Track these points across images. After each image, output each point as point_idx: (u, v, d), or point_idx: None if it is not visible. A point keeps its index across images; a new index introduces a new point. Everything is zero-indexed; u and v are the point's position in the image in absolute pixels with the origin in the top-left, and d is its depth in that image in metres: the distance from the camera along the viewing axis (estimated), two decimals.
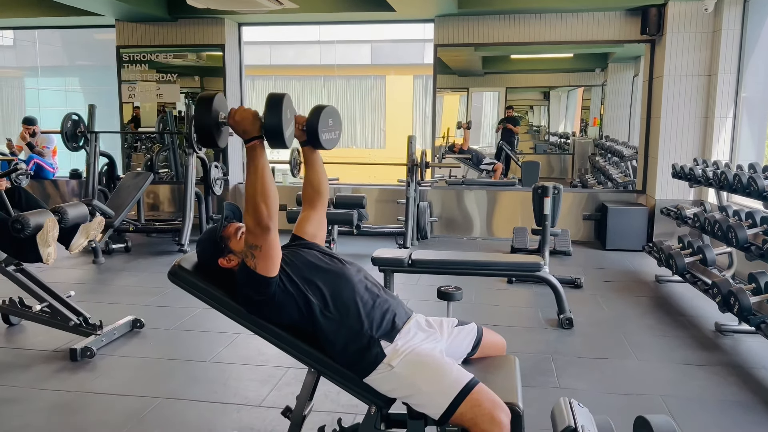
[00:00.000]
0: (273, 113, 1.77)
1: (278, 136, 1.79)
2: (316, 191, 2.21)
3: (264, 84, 15.04)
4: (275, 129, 1.77)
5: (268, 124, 1.78)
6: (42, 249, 3.27)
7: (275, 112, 1.77)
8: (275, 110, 1.77)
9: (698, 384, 3.12)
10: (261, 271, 1.82)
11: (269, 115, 1.77)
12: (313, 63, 15.08)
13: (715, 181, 4.44)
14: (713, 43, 5.82)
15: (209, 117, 1.85)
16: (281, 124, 1.76)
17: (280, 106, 1.77)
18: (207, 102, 1.85)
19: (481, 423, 1.69)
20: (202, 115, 1.85)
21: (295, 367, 3.27)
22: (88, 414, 2.77)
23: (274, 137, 1.79)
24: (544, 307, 4.32)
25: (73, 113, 6.16)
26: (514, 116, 10.71)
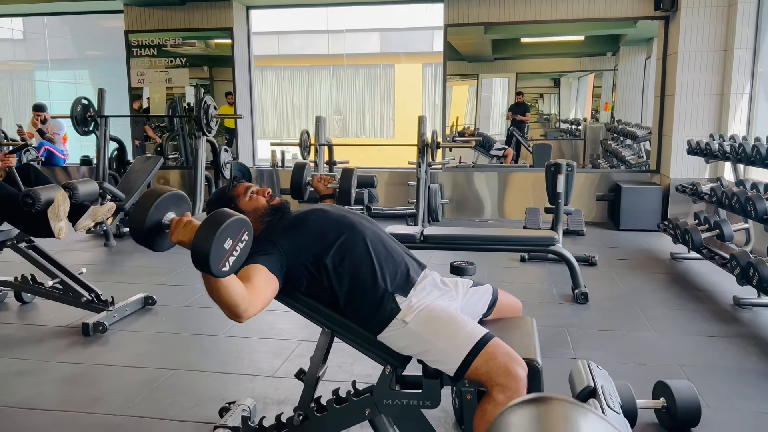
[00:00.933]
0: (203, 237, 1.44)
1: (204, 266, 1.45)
2: None
3: (272, 74, 15.01)
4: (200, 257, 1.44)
5: (195, 254, 1.44)
6: (53, 223, 3.26)
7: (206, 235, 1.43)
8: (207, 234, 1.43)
9: (717, 354, 3.07)
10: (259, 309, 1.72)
11: (198, 237, 1.44)
12: (321, 52, 15.02)
13: (733, 155, 4.36)
14: (729, 17, 5.72)
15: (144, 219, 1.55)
16: (208, 252, 1.42)
17: (214, 231, 1.43)
18: (147, 201, 1.57)
19: (496, 377, 1.66)
20: (136, 215, 1.56)
21: (307, 340, 3.25)
22: (101, 384, 2.76)
23: (199, 266, 1.46)
24: (558, 284, 4.27)
25: (82, 97, 6.15)
26: (524, 103, 10.59)
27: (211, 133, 6.12)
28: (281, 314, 3.66)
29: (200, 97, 5.88)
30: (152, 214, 1.56)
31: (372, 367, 2.87)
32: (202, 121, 5.93)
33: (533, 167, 8.76)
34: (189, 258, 1.46)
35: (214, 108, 6.09)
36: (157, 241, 1.60)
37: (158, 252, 1.65)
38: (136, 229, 1.57)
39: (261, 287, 1.71)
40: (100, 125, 6.21)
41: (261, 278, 1.72)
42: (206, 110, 5.97)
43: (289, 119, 15.08)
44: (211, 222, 1.46)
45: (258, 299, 1.68)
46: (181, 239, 1.50)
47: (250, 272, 1.71)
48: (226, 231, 1.45)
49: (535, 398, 0.59)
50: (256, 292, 1.68)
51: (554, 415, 0.57)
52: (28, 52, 13.82)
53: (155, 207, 1.57)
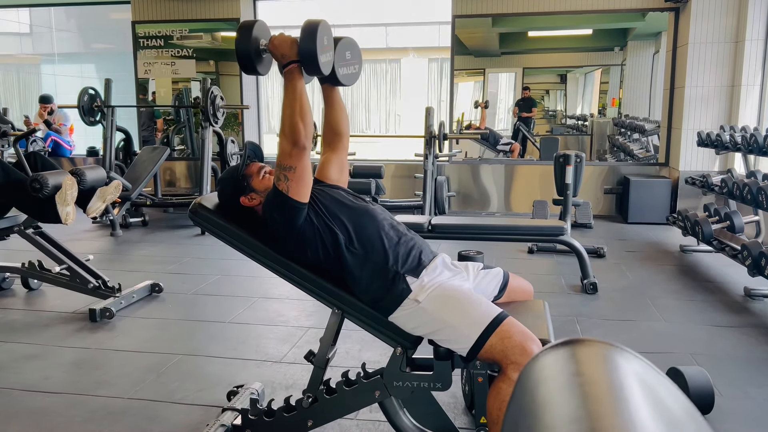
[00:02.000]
0: (308, 37, 1.76)
1: (312, 61, 1.77)
2: (335, 131, 2.13)
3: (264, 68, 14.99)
4: (310, 53, 1.76)
5: (303, 49, 1.77)
6: (60, 208, 3.25)
7: (310, 36, 1.76)
8: (310, 35, 1.76)
9: (729, 343, 3.03)
10: (293, 195, 1.78)
11: (304, 40, 1.77)
12: None
13: (744, 145, 4.32)
14: (740, 8, 5.66)
15: (249, 44, 1.83)
16: (315, 49, 1.75)
17: (315, 31, 1.76)
18: (247, 29, 1.83)
19: (511, 355, 1.63)
20: (242, 41, 1.83)
21: (315, 327, 3.23)
22: (108, 368, 2.75)
23: (309, 62, 1.78)
24: (566, 274, 4.25)
25: (89, 87, 6.15)
26: (531, 98, 10.52)
27: (218, 123, 6.11)
28: (288, 302, 3.65)
29: (207, 87, 5.86)
30: (255, 33, 1.83)
31: (380, 354, 2.85)
32: (209, 111, 5.92)
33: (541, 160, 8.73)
34: (195, 248, 1.49)
35: (221, 98, 6.08)
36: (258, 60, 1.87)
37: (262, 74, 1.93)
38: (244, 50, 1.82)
39: None
40: (107, 115, 6.21)
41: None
42: (213, 100, 5.96)
43: None
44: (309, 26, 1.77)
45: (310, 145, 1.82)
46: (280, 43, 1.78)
47: None
48: (322, 30, 1.77)
49: (567, 341, 0.56)
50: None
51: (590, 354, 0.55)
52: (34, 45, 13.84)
53: (256, 27, 1.84)
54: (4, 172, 3.29)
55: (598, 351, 0.55)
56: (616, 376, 0.49)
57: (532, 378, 0.52)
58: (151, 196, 6.33)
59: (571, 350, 0.55)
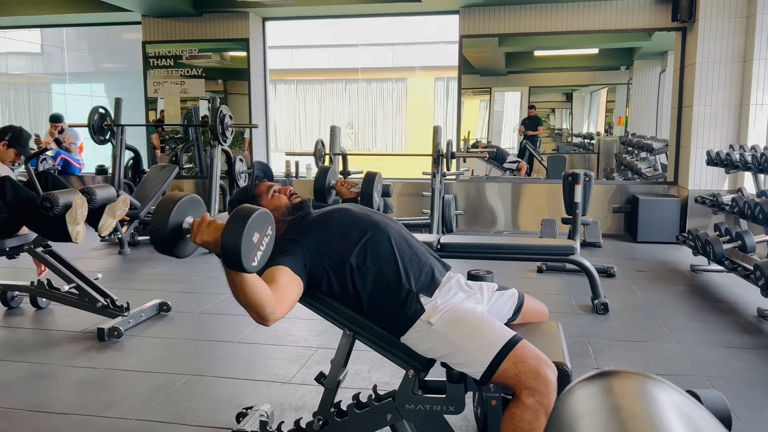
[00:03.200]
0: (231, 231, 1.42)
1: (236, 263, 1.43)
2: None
3: (285, 88, 15.11)
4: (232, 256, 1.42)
5: (224, 249, 1.43)
6: (71, 227, 3.25)
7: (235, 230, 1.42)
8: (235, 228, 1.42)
9: (744, 365, 2.99)
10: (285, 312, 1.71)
11: (227, 232, 1.43)
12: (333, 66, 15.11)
13: (755, 165, 4.30)
14: (747, 28, 5.67)
15: (165, 225, 1.54)
16: (239, 246, 1.41)
17: (243, 224, 1.42)
18: (167, 206, 1.56)
19: (525, 379, 1.61)
20: (157, 221, 1.54)
21: (324, 347, 3.21)
22: (116, 388, 2.73)
23: (230, 263, 1.44)
24: (576, 294, 4.21)
25: (99, 106, 6.19)
26: (536, 116, 10.54)
27: (227, 142, 6.13)
28: (297, 321, 3.63)
29: (216, 106, 5.90)
30: (172, 219, 1.55)
31: (390, 375, 2.83)
32: (218, 130, 5.95)
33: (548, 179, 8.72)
34: (203, 266, 1.47)
35: (230, 117, 6.11)
36: (180, 246, 1.60)
37: (181, 258, 1.63)
38: (158, 237, 1.55)
39: (286, 288, 1.68)
40: (117, 134, 6.24)
41: (285, 279, 1.69)
42: (222, 119, 5.99)
43: (301, 133, 15.15)
44: (237, 217, 1.44)
45: (284, 300, 1.65)
46: (206, 239, 1.50)
47: (274, 274, 1.67)
48: (253, 224, 1.44)
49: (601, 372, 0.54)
50: (281, 293, 1.65)
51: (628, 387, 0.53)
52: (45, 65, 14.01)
53: (174, 212, 1.56)
54: (14, 191, 3.31)
55: (635, 383, 0.53)
56: (655, 409, 0.48)
57: (569, 412, 0.50)
58: None
59: (606, 383, 0.54)
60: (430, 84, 14.79)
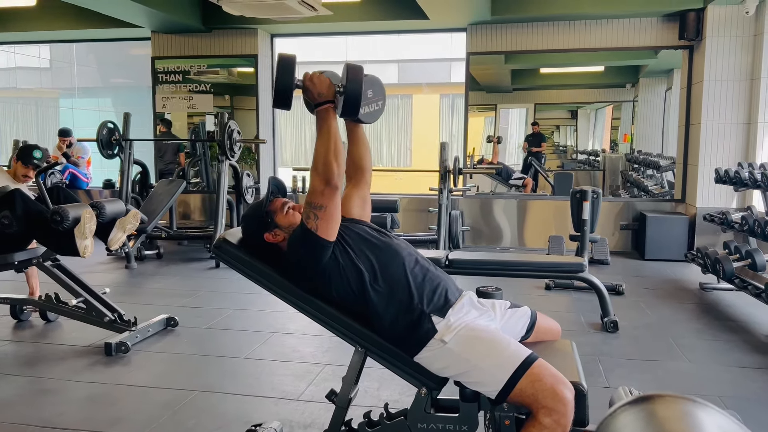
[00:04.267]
0: (355, 82, 1.77)
1: (354, 106, 1.79)
2: (358, 166, 2.10)
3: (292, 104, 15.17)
4: (354, 98, 1.78)
5: (350, 91, 1.78)
6: (79, 241, 3.26)
7: (356, 81, 1.77)
8: (357, 79, 1.77)
9: (757, 386, 2.95)
10: (322, 233, 1.76)
11: (351, 83, 1.77)
12: None
13: (764, 183, 4.28)
14: (755, 46, 5.68)
15: (292, 78, 1.80)
16: (360, 93, 1.78)
17: (361, 77, 1.77)
18: (291, 63, 1.80)
19: (542, 399, 1.58)
20: (286, 75, 1.79)
21: (332, 363, 3.19)
22: (123, 404, 2.71)
23: (352, 106, 1.79)
24: (585, 312, 4.18)
25: (108, 121, 6.23)
26: (540, 133, 10.55)
27: (234, 157, 6.15)
28: (304, 338, 3.61)
29: (224, 121, 5.92)
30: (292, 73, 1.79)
31: (400, 392, 2.80)
32: (226, 145, 5.97)
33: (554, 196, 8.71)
34: (209, 281, 1.48)
35: (238, 133, 6.14)
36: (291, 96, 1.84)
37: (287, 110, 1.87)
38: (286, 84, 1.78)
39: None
40: (125, 148, 6.27)
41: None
42: (230, 135, 6.01)
43: (307, 149, 15.20)
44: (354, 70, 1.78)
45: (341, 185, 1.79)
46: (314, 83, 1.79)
47: None
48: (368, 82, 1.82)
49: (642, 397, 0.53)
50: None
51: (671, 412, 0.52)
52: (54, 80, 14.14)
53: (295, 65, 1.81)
54: (24, 204, 3.31)
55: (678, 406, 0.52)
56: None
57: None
58: (166, 229, 6.35)
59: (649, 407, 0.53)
60: (436, 101, 14.85)
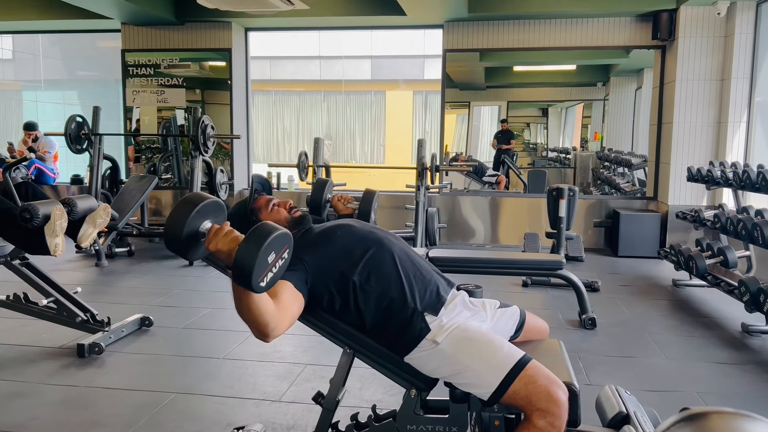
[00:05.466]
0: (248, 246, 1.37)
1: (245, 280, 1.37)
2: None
3: (264, 98, 15.01)
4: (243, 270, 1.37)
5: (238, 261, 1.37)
6: (49, 239, 3.14)
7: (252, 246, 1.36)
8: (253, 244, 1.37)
9: (733, 381, 3.01)
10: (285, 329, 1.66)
11: (243, 247, 1.37)
12: (313, 78, 15.07)
13: (736, 181, 4.37)
14: (726, 47, 5.80)
15: (181, 229, 1.48)
16: (253, 265, 1.35)
17: (261, 243, 1.36)
18: (185, 209, 1.49)
19: (536, 401, 1.57)
20: (173, 223, 1.48)
21: (313, 363, 3.15)
22: (99, 408, 2.62)
23: (240, 279, 1.38)
24: (563, 309, 4.21)
25: (77, 115, 6.05)
26: (509, 130, 10.63)
27: (208, 153, 6.04)
28: (284, 337, 3.53)
29: (198, 116, 5.81)
30: (192, 219, 1.49)
31: (382, 392, 2.78)
32: (199, 140, 5.86)
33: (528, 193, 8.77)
34: (183, 279, 1.41)
35: (212, 128, 6.03)
36: (191, 249, 1.53)
37: (187, 260, 1.56)
38: (172, 235, 1.49)
39: (288, 304, 1.63)
40: (95, 143, 6.10)
41: (287, 295, 1.64)
42: (203, 130, 5.90)
43: (279, 144, 15.05)
44: (257, 233, 1.38)
45: (286, 316, 1.60)
46: (220, 248, 1.44)
47: (276, 288, 1.62)
48: (272, 244, 1.38)
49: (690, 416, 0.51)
50: (283, 309, 1.60)
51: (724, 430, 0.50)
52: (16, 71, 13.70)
53: (196, 213, 1.49)
54: None
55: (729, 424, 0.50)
56: None
57: None
58: (137, 226, 6.20)
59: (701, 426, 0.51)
60: (409, 97, 14.84)
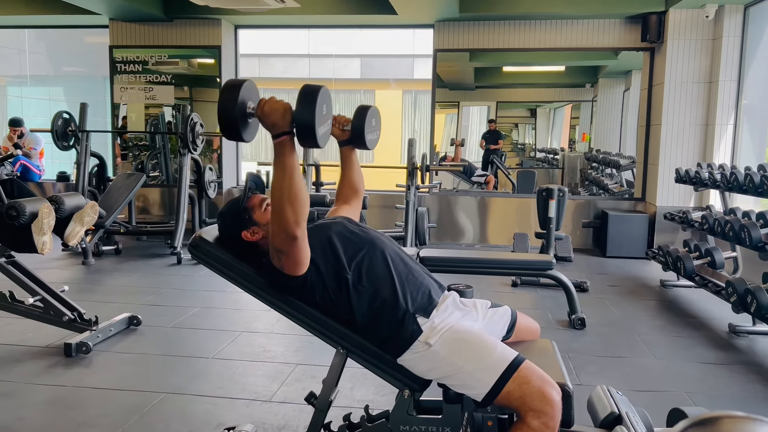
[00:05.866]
0: (306, 107, 1.56)
1: (310, 133, 1.57)
2: (354, 190, 2.19)
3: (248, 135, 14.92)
4: (307, 125, 1.56)
5: (300, 119, 1.56)
6: (37, 238, 3.12)
7: (308, 106, 1.56)
8: (309, 104, 1.56)
9: (722, 381, 3.03)
10: (289, 272, 1.70)
11: (302, 109, 1.56)
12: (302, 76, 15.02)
13: (723, 183, 4.41)
14: (714, 50, 5.85)
15: (235, 107, 1.59)
16: (314, 120, 1.55)
17: (315, 100, 1.56)
18: (233, 90, 1.59)
19: (530, 402, 1.57)
20: (227, 104, 1.59)
21: (304, 363, 3.13)
22: (87, 408, 2.59)
23: (306, 134, 1.57)
24: (552, 309, 4.23)
25: (64, 111, 5.98)
26: (497, 130, 10.67)
27: (197, 151, 6.00)
28: (274, 336, 3.54)
29: (187, 114, 5.77)
30: (241, 97, 1.59)
31: (374, 392, 2.77)
32: (188, 138, 5.82)
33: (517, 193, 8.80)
34: (171, 278, 1.40)
35: (201, 125, 5.99)
36: (244, 126, 1.63)
37: (246, 142, 1.70)
38: (229, 114, 1.58)
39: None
40: (82, 140, 6.04)
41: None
42: (192, 127, 5.86)
43: (267, 142, 14.97)
44: (307, 92, 1.57)
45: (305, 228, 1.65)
46: (275, 107, 1.58)
47: None
48: (322, 97, 1.58)
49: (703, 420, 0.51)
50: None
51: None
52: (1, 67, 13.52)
53: (242, 90, 1.59)
54: None
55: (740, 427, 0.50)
56: None
57: None
58: (125, 224, 6.15)
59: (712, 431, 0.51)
60: (398, 97, 14.83)
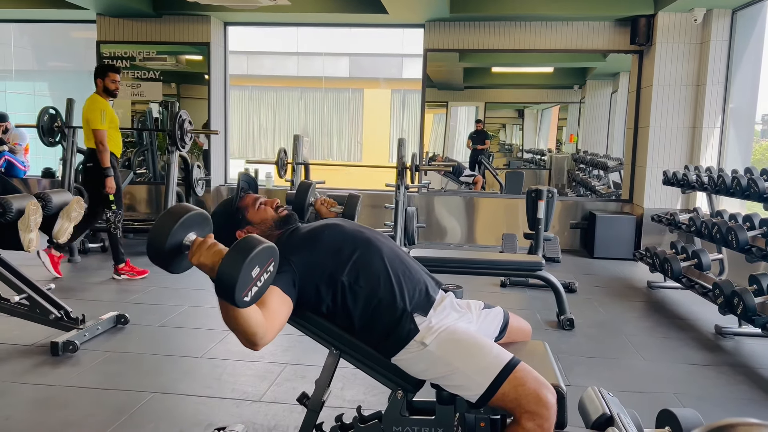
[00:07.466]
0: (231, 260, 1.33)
1: (228, 296, 1.35)
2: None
3: (240, 94, 14.84)
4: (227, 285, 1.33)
5: (221, 277, 1.33)
6: (23, 234, 3.07)
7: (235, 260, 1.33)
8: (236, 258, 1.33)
9: (710, 383, 3.06)
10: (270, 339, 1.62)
11: (226, 261, 1.34)
12: (290, 74, 14.96)
13: (711, 186, 4.45)
14: (701, 54, 5.90)
15: (165, 239, 1.42)
16: (235, 282, 1.32)
17: (245, 257, 1.32)
18: (169, 220, 1.43)
19: (525, 404, 1.57)
20: (157, 235, 1.42)
21: (293, 363, 3.12)
22: (74, 408, 2.56)
23: (224, 295, 1.35)
24: (540, 309, 4.24)
25: (50, 107, 5.91)
26: (484, 131, 10.70)
27: (185, 148, 5.95)
28: None
29: (175, 111, 5.71)
30: (175, 231, 1.43)
31: (364, 393, 2.76)
32: (177, 135, 5.77)
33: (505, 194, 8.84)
34: (158, 277, 1.37)
35: (189, 123, 5.93)
36: (175, 262, 1.47)
37: (173, 274, 1.51)
38: (156, 248, 1.43)
39: (276, 310, 1.60)
40: (68, 136, 5.96)
41: (276, 301, 1.61)
42: (181, 125, 5.81)
43: (255, 140, 14.90)
44: (241, 247, 1.35)
45: (274, 324, 1.58)
46: (204, 261, 1.39)
47: (264, 295, 1.59)
48: (255, 258, 1.34)
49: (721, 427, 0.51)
50: (271, 316, 1.57)
51: None
52: None
53: (179, 225, 1.43)
54: None
55: None
56: None
57: None
58: None
59: None
60: (387, 96, 14.82)
